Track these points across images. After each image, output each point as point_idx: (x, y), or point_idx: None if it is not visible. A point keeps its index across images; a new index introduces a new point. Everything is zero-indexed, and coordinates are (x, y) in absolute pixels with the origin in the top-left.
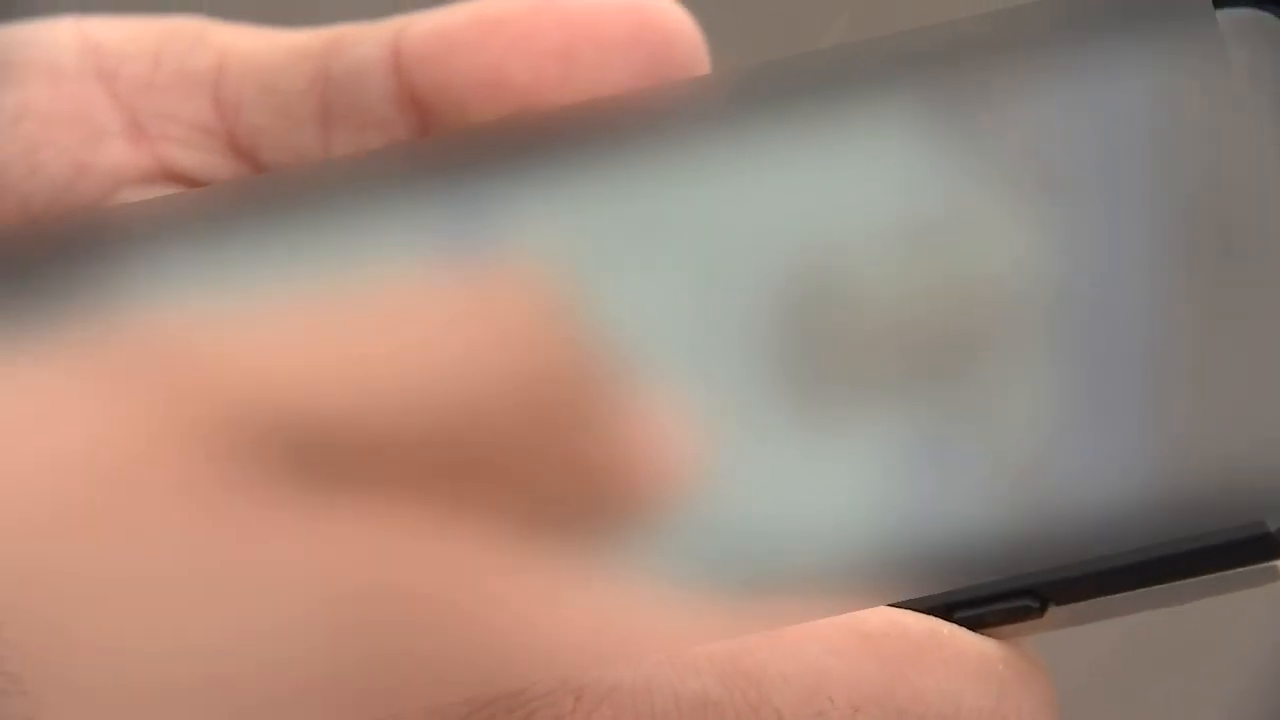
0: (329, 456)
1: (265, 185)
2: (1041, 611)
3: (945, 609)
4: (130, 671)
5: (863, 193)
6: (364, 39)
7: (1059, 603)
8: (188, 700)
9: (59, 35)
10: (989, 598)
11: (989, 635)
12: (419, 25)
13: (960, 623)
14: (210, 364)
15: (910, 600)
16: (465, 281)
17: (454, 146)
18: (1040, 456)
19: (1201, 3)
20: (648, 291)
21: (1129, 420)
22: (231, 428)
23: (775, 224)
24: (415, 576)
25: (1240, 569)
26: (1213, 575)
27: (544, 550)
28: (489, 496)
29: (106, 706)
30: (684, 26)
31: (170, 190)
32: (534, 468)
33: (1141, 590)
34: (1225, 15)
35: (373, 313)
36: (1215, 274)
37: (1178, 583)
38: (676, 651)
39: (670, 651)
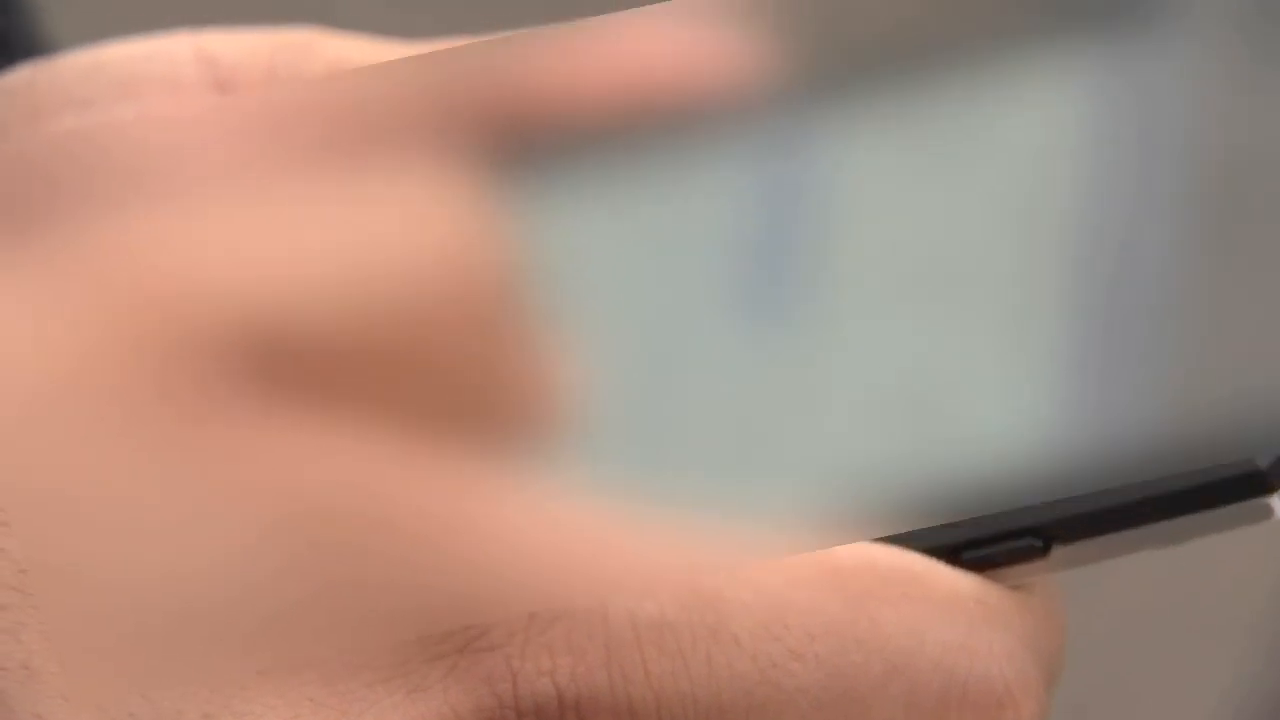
0: (292, 370)
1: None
2: (1045, 551)
3: (950, 550)
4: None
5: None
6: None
7: (1062, 541)
8: (164, 624)
9: (176, 49)
10: (991, 538)
11: (995, 576)
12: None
13: (967, 564)
14: (172, 274)
15: (912, 542)
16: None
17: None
18: (1050, 394)
19: None
20: None
21: (1134, 362)
22: (194, 339)
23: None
24: (378, 500)
25: (1234, 505)
26: (1208, 512)
27: (504, 480)
28: (445, 420)
29: (103, 625)
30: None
31: None
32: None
33: (1141, 528)
34: None
35: (327, 221)
36: (1221, 235)
37: (1176, 519)
38: (645, 586)
39: (639, 586)
